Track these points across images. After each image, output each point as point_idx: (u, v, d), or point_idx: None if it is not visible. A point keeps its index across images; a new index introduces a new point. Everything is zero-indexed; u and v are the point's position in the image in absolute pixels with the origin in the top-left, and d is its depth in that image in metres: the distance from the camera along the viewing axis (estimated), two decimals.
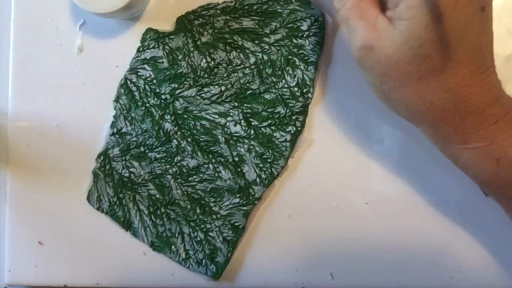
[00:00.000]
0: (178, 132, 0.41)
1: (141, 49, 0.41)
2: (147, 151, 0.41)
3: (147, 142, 0.41)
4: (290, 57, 0.40)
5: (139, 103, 0.41)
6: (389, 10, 0.31)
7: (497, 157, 0.31)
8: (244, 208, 0.40)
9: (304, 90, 0.40)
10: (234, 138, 0.40)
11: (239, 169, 0.40)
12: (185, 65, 0.41)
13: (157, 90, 0.41)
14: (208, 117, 0.41)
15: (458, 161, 0.33)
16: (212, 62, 0.41)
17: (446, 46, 0.29)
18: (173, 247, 0.41)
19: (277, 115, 0.40)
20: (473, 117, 0.31)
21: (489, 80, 0.30)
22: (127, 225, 0.42)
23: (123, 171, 0.42)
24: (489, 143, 0.31)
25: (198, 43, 0.41)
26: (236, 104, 0.40)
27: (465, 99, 0.30)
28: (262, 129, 0.40)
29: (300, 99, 0.40)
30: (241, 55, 0.40)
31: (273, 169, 0.40)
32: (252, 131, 0.40)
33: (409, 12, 0.29)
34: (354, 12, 0.32)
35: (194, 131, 0.41)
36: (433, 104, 0.31)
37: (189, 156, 0.41)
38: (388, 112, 0.35)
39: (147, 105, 0.41)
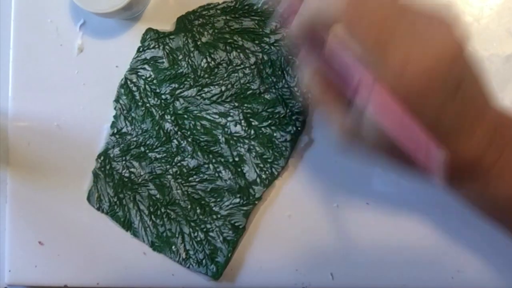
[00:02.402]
0: (179, 132, 0.41)
1: (141, 49, 0.41)
2: (147, 151, 0.41)
3: (147, 142, 0.41)
4: (290, 57, 0.40)
5: (139, 103, 0.41)
6: (360, 94, 0.28)
7: (493, 197, 0.31)
8: (244, 208, 0.40)
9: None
10: (235, 138, 0.40)
11: (239, 169, 0.40)
12: (185, 65, 0.41)
13: (157, 90, 0.41)
14: (209, 117, 0.41)
15: (457, 195, 0.34)
16: (213, 62, 0.41)
17: None
18: (173, 247, 0.41)
19: (277, 115, 0.40)
20: (463, 172, 0.30)
21: (475, 136, 0.28)
22: (127, 225, 0.42)
23: (123, 171, 0.42)
24: (483, 187, 0.30)
25: (199, 43, 0.41)
26: (236, 104, 0.40)
27: (451, 163, 0.28)
28: (262, 129, 0.40)
29: (300, 99, 0.40)
30: (241, 55, 0.40)
31: (273, 169, 0.40)
32: (252, 131, 0.40)
33: (371, 123, 0.27)
34: (323, 103, 0.31)
35: (195, 131, 0.41)
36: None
37: (189, 156, 0.41)
38: None
39: (147, 105, 0.41)
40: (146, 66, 0.41)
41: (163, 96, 0.41)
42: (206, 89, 0.41)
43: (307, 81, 0.31)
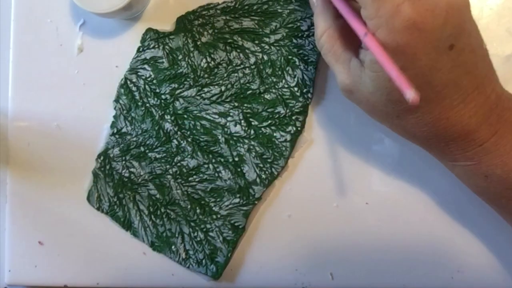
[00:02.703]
0: (178, 132, 0.41)
1: (141, 49, 0.41)
2: (147, 151, 0.41)
3: (147, 142, 0.41)
4: (290, 57, 0.40)
5: (139, 103, 0.41)
6: (361, 50, 0.30)
7: (485, 174, 0.31)
8: (244, 208, 0.40)
9: (304, 90, 0.40)
10: (234, 138, 0.40)
11: (239, 169, 0.40)
12: (185, 65, 0.41)
13: (157, 90, 0.41)
14: (208, 117, 0.41)
15: (452, 172, 0.35)
16: (212, 62, 0.41)
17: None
18: (173, 247, 0.41)
19: (277, 115, 0.40)
20: (457, 142, 0.31)
21: (471, 106, 0.29)
22: (127, 225, 0.42)
23: (123, 171, 0.42)
24: (476, 163, 0.31)
25: (198, 43, 0.41)
26: (236, 104, 0.40)
27: (444, 130, 0.30)
28: (262, 129, 0.40)
29: (300, 99, 0.40)
30: (241, 55, 0.40)
31: (273, 169, 0.40)
32: (252, 131, 0.40)
33: (373, 66, 0.29)
34: (330, 56, 0.33)
35: (194, 131, 0.41)
36: (416, 135, 0.32)
37: (189, 156, 0.41)
38: None
39: (147, 105, 0.41)
40: (146, 66, 0.41)
41: (163, 96, 0.41)
42: (206, 89, 0.41)
43: (319, 34, 0.33)
